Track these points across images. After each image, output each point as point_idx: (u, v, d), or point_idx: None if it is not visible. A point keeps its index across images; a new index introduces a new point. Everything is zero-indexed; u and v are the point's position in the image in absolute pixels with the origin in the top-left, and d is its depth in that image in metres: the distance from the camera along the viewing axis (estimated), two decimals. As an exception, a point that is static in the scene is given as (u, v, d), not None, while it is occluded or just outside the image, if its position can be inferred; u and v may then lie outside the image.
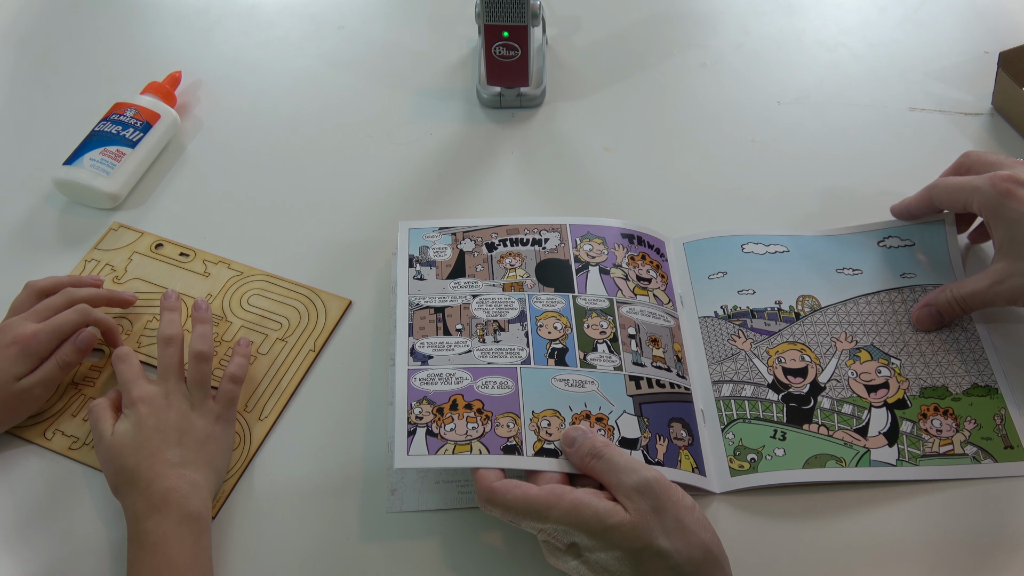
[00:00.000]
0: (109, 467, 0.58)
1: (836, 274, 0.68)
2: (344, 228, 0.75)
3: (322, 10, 0.94)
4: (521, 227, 0.69)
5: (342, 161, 0.80)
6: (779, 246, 0.70)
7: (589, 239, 0.68)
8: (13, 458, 0.62)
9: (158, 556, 0.53)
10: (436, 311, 0.64)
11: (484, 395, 0.59)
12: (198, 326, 0.64)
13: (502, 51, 0.78)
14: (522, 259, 0.67)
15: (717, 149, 0.79)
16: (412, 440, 0.57)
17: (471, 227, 0.69)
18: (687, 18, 0.91)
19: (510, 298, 0.64)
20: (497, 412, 0.58)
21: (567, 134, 0.81)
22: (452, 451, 0.56)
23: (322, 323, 0.69)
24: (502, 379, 0.60)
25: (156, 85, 0.82)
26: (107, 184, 0.75)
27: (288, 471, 0.61)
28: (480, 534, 0.58)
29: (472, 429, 0.57)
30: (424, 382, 0.60)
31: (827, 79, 0.84)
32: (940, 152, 0.77)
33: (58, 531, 0.59)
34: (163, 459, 0.56)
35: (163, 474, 0.56)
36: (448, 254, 0.67)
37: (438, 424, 0.57)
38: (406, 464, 0.56)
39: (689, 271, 0.69)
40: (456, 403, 0.59)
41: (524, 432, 0.57)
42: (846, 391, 0.62)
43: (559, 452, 0.56)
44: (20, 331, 0.61)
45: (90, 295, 0.66)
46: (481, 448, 0.56)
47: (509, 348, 0.62)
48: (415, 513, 0.59)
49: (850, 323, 0.65)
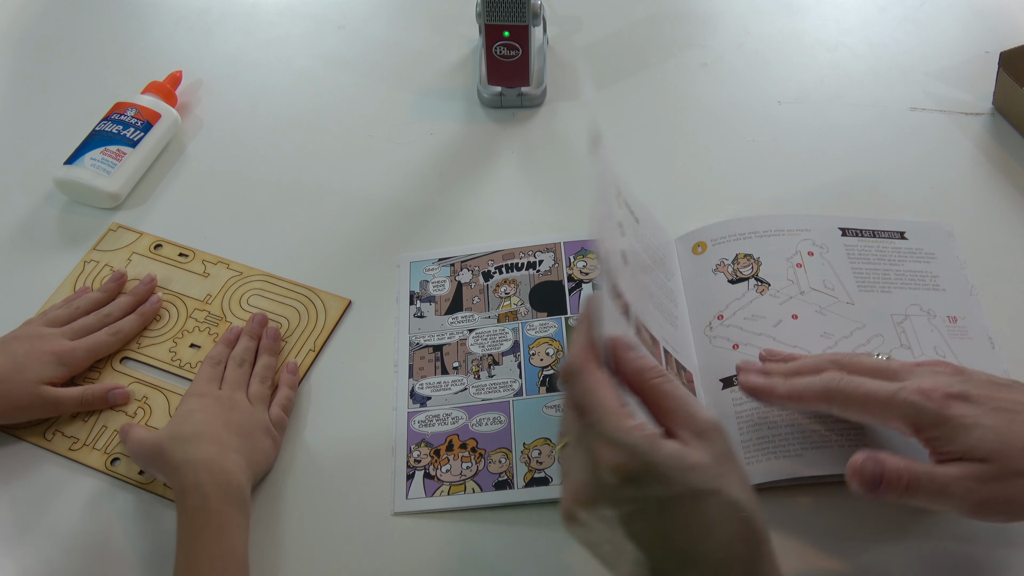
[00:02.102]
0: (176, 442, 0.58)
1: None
2: (344, 228, 0.75)
3: (322, 10, 0.94)
4: (517, 251, 0.70)
5: (342, 161, 0.80)
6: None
7: (583, 255, 0.69)
8: (13, 459, 0.62)
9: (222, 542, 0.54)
10: (435, 349, 0.66)
11: (478, 433, 0.61)
12: (264, 356, 0.66)
13: (503, 51, 0.78)
14: (517, 286, 0.68)
15: (717, 149, 0.79)
16: (411, 484, 0.59)
17: (469, 256, 0.71)
18: (688, 18, 0.91)
19: (504, 329, 0.66)
20: (490, 449, 0.60)
21: (567, 134, 0.81)
22: (447, 492, 0.59)
23: (322, 323, 0.68)
24: (495, 415, 0.62)
25: (157, 85, 0.82)
26: (108, 184, 0.75)
27: (290, 470, 0.61)
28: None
29: (466, 468, 0.60)
30: (422, 424, 0.62)
31: (827, 79, 0.84)
32: (940, 152, 0.77)
33: (59, 532, 0.59)
34: (230, 448, 0.58)
35: (232, 466, 0.57)
36: (447, 287, 0.69)
37: (435, 466, 0.60)
38: (405, 508, 0.58)
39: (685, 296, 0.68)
40: (452, 444, 0.61)
41: (515, 466, 0.59)
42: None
43: (549, 480, 0.58)
44: (58, 345, 0.64)
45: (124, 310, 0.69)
46: (474, 487, 0.59)
47: (502, 382, 0.63)
48: (421, 514, 0.59)
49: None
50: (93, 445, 0.62)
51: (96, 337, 0.66)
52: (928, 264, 0.68)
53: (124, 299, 0.69)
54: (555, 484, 0.57)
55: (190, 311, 0.69)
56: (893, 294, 0.66)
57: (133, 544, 0.58)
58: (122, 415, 0.64)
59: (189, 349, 0.67)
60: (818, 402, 0.54)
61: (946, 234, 0.70)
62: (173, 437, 0.57)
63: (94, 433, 0.63)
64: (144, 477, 0.61)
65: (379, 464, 0.61)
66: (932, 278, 0.67)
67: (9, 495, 0.61)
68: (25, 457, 0.62)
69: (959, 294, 0.66)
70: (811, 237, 0.69)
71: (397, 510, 0.59)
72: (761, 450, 0.58)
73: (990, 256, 0.69)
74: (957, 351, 0.63)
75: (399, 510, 0.59)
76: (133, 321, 0.68)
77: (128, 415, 0.64)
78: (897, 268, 0.68)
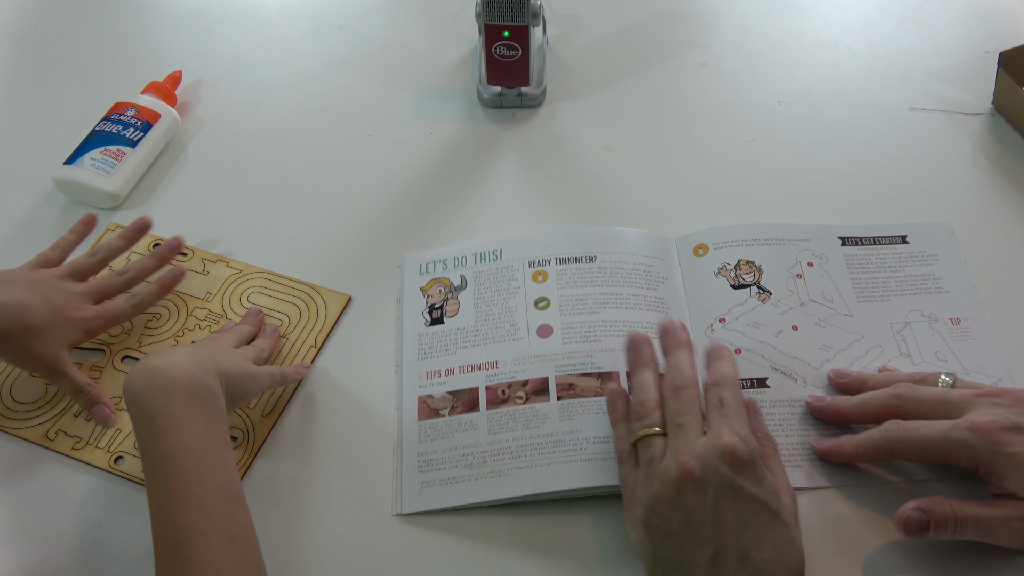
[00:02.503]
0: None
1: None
2: (343, 227, 0.75)
3: (322, 10, 0.94)
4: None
5: (342, 160, 0.80)
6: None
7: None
8: (15, 460, 0.62)
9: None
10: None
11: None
12: (260, 340, 0.66)
13: (502, 51, 0.78)
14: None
15: (717, 149, 0.79)
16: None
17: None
18: (687, 18, 0.91)
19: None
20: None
21: (567, 134, 0.81)
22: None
23: (323, 319, 0.68)
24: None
25: (157, 85, 0.82)
26: (107, 184, 0.75)
27: (293, 468, 0.61)
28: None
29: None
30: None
31: (827, 79, 0.84)
32: (940, 152, 0.77)
33: (63, 532, 0.59)
34: (181, 353, 0.54)
35: (179, 359, 0.53)
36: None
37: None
38: (408, 509, 0.59)
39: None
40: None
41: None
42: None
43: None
44: (85, 311, 0.64)
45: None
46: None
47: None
48: (424, 513, 0.59)
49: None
50: (96, 444, 0.62)
51: (115, 305, 0.65)
52: (931, 267, 0.68)
53: (147, 261, 0.69)
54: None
55: (190, 309, 0.69)
56: (893, 302, 0.66)
57: (140, 542, 0.57)
58: (124, 414, 0.64)
59: (189, 348, 0.67)
60: (881, 456, 0.57)
61: (948, 234, 0.70)
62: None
63: (97, 431, 0.63)
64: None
65: (382, 462, 0.61)
66: (935, 281, 0.67)
67: (12, 496, 0.60)
68: (27, 457, 0.62)
69: (962, 295, 0.67)
70: (811, 247, 0.69)
71: (400, 511, 0.58)
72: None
73: (990, 256, 0.69)
74: (960, 354, 0.63)
75: (401, 511, 0.58)
76: (152, 290, 0.67)
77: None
78: (898, 274, 0.68)
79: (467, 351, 0.65)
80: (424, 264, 0.71)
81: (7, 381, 0.66)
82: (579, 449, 0.59)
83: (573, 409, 0.60)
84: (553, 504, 0.58)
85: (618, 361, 0.62)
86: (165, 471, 0.49)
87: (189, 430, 0.50)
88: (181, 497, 0.49)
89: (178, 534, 0.48)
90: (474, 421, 0.61)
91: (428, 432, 0.62)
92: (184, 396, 0.51)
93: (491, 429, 0.61)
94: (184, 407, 0.51)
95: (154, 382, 0.51)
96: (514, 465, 0.59)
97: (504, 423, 0.61)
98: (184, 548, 0.47)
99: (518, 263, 0.69)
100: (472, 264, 0.70)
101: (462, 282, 0.69)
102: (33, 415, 0.64)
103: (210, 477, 0.50)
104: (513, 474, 0.58)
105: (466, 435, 0.61)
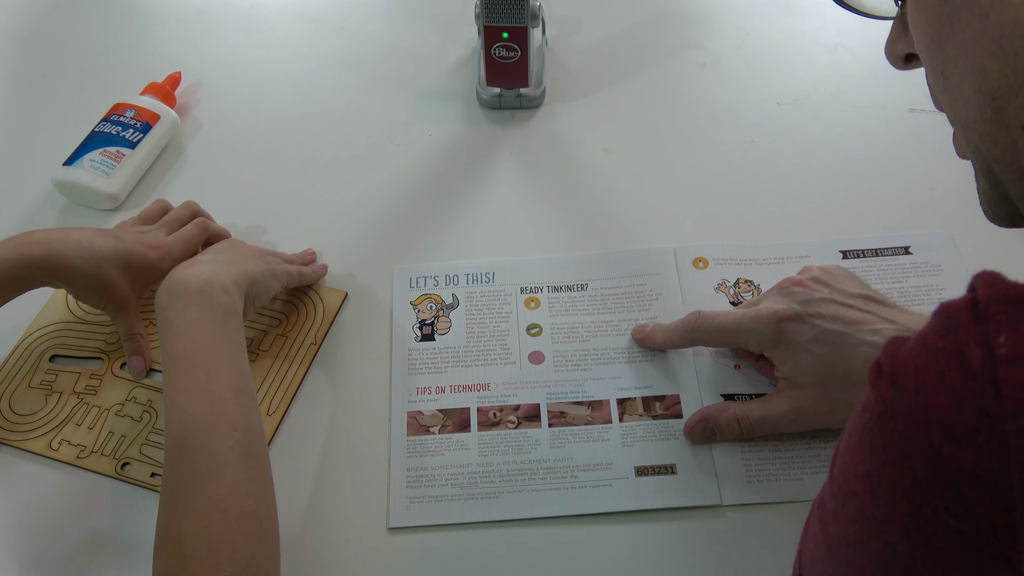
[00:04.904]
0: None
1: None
2: (342, 229, 0.75)
3: (322, 11, 0.94)
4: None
5: (341, 162, 0.80)
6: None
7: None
8: (19, 472, 0.62)
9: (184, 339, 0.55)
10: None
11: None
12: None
13: (502, 52, 0.78)
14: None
15: (716, 150, 0.79)
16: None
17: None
18: (686, 19, 0.91)
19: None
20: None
21: (566, 135, 0.81)
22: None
23: (321, 316, 0.69)
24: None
25: (156, 86, 0.82)
26: (107, 185, 0.75)
27: (297, 467, 0.61)
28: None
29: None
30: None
31: (826, 80, 0.84)
32: (939, 153, 0.77)
33: (69, 543, 0.58)
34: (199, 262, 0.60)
35: (196, 268, 0.58)
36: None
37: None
38: (400, 523, 0.58)
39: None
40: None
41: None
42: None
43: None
44: (159, 241, 0.66)
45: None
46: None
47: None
48: (417, 527, 0.59)
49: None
50: (101, 452, 0.62)
51: (187, 230, 0.69)
52: (934, 277, 0.68)
53: (182, 211, 0.71)
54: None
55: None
56: None
57: (151, 545, 0.57)
58: (128, 420, 0.64)
59: (188, 350, 0.67)
60: (687, 343, 0.63)
61: (951, 244, 0.70)
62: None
63: (101, 439, 0.63)
64: (156, 480, 0.60)
65: (382, 461, 0.61)
66: (938, 292, 0.67)
67: (19, 507, 0.60)
68: (33, 470, 0.62)
69: None
70: (812, 264, 0.69)
71: (390, 524, 0.58)
72: (762, 471, 0.59)
73: (992, 267, 0.69)
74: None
75: (391, 524, 0.58)
76: (207, 221, 0.71)
77: (134, 419, 0.64)
78: (900, 286, 0.68)
79: (459, 371, 0.65)
80: (414, 277, 0.71)
81: (5, 394, 0.65)
82: (570, 477, 0.59)
83: (564, 437, 0.61)
84: (547, 519, 0.58)
85: (608, 389, 0.63)
86: (176, 366, 0.53)
87: (200, 331, 0.55)
88: (188, 388, 0.52)
89: (182, 420, 0.51)
90: (465, 441, 0.61)
91: (417, 448, 0.61)
92: (199, 301, 0.56)
93: (482, 451, 0.61)
94: (199, 311, 0.56)
95: (174, 291, 0.56)
96: (505, 488, 0.59)
97: (495, 446, 0.61)
98: (185, 434, 0.51)
99: (511, 288, 0.69)
100: (464, 284, 0.70)
101: (454, 300, 0.69)
102: (35, 427, 0.64)
103: (218, 371, 0.54)
104: (504, 497, 0.59)
105: (457, 454, 0.61)
